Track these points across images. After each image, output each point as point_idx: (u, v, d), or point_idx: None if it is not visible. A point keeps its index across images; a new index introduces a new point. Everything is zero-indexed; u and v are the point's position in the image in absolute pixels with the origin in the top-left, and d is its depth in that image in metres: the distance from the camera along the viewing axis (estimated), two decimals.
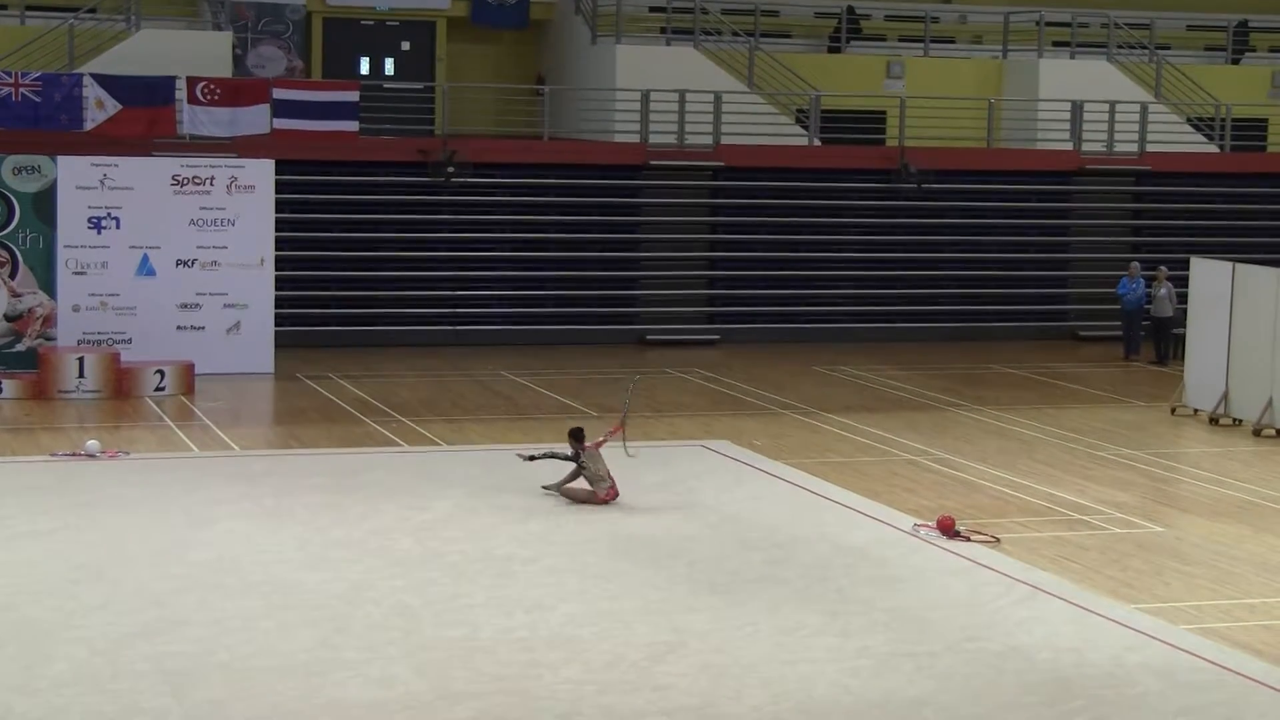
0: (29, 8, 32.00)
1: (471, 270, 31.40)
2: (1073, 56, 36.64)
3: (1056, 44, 37.01)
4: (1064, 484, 20.51)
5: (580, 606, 15.01)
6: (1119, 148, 34.82)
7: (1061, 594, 15.69)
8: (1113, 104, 34.71)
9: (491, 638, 14.10)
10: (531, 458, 19.37)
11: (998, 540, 17.56)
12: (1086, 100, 34.63)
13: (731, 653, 13.87)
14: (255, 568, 16.01)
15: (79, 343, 26.15)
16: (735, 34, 35.02)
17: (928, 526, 17.84)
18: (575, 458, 18.87)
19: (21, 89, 28.06)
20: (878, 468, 21.26)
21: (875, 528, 18.08)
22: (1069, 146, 34.67)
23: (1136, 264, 31.62)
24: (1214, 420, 24.89)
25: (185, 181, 26.93)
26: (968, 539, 17.51)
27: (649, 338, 31.80)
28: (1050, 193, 34.74)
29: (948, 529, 17.65)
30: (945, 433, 23.65)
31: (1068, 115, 34.69)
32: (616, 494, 18.75)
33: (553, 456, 19.15)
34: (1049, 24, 36.74)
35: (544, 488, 18.94)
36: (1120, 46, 36.90)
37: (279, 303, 27.83)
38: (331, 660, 13.48)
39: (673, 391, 26.79)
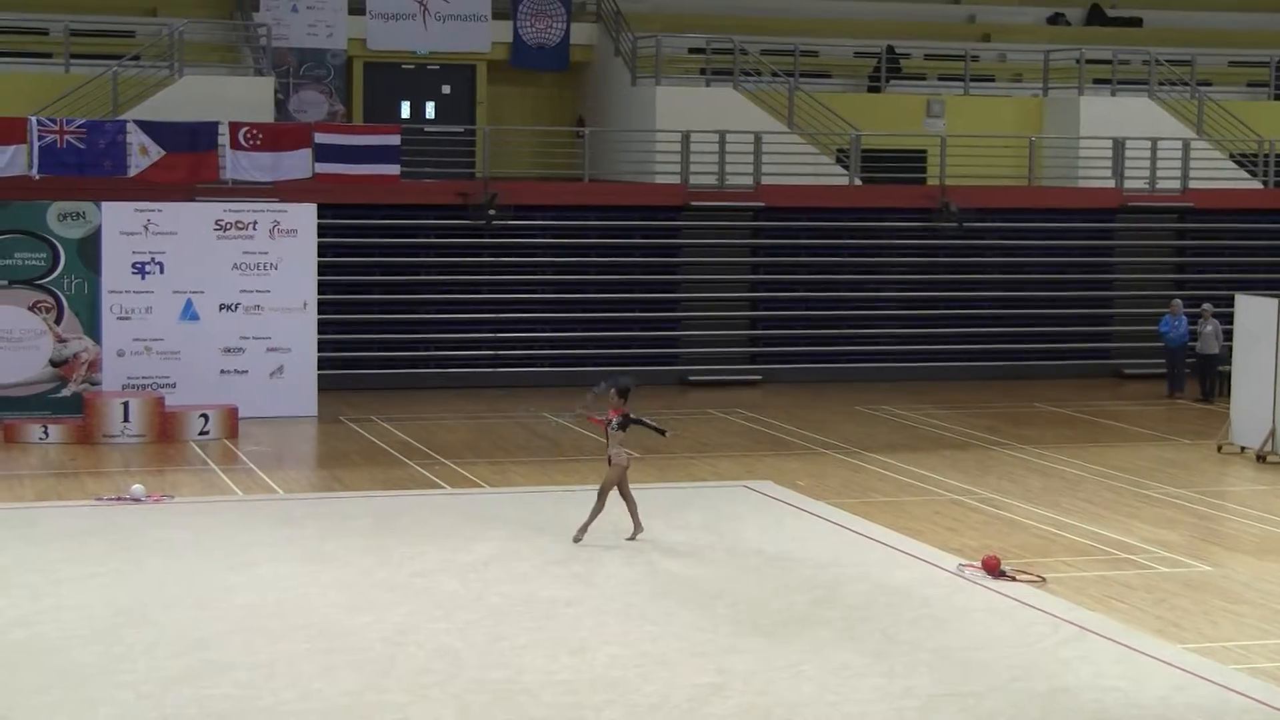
0: (74, 56, 32.24)
1: (513, 312, 31.45)
2: (1114, 94, 36.57)
3: (1097, 81, 36.96)
4: (1109, 523, 20.40)
5: (624, 648, 14.97)
6: (1161, 185, 34.71)
7: (1108, 634, 15.58)
8: (1154, 141, 34.63)
9: (535, 680, 14.07)
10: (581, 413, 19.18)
11: (1043, 580, 17.46)
12: (1128, 137, 34.55)
13: (776, 694, 13.81)
14: (299, 611, 16.02)
15: (124, 387, 26.26)
16: (775, 74, 35.07)
17: (972, 566, 17.75)
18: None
19: (66, 136, 28.26)
20: (921, 507, 21.18)
21: (919, 567, 18.00)
22: (1111, 184, 34.57)
23: (1178, 301, 31.51)
24: (1261, 458, 24.73)
25: (228, 226, 27.07)
26: (1013, 579, 17.41)
27: (691, 378, 31.80)
28: (1092, 230, 34.64)
29: (993, 569, 17.56)
30: (989, 471, 23.56)
31: (1109, 153, 34.62)
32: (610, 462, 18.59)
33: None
34: (1090, 61, 36.69)
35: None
36: (1162, 83, 36.82)
37: (322, 346, 27.92)
38: (376, 703, 13.46)
39: (715, 432, 26.76)
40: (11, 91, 30.99)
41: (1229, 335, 27.67)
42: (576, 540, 18.59)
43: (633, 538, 18.74)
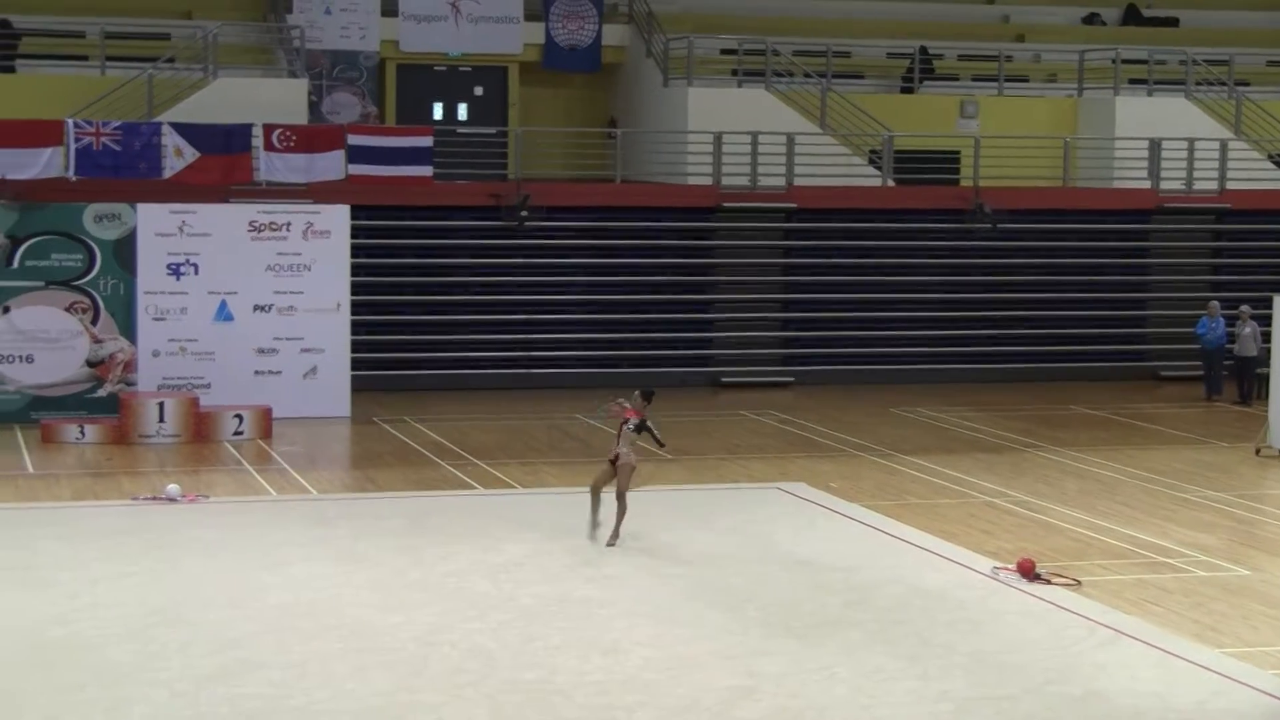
0: (109, 58, 32.35)
1: (545, 313, 31.45)
2: (1150, 94, 36.42)
3: (1133, 81, 36.82)
4: (1146, 526, 20.31)
5: (656, 650, 14.95)
6: (1198, 185, 34.56)
7: (1144, 637, 15.51)
8: (1191, 141, 34.49)
9: (568, 681, 14.06)
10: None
11: (1078, 583, 17.39)
12: (1164, 138, 34.41)
13: (808, 697, 13.78)
14: (331, 610, 16.04)
15: (159, 388, 26.34)
16: (807, 75, 35.01)
17: (1007, 569, 17.69)
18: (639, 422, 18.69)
19: (102, 138, 28.35)
20: (955, 510, 21.12)
21: (954, 570, 17.95)
22: (1146, 185, 34.44)
23: (1215, 303, 31.37)
24: None
25: (262, 227, 27.13)
26: (1048, 581, 17.34)
27: (724, 380, 31.76)
28: (1128, 231, 34.50)
29: (1028, 571, 17.49)
30: (1023, 474, 23.48)
31: (1145, 153, 34.47)
32: (616, 458, 18.53)
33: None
34: (1125, 61, 36.55)
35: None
36: (1198, 83, 36.67)
37: (355, 347, 27.95)
38: (408, 704, 13.47)
39: (747, 434, 26.72)
40: (48, 94, 31.11)
41: (1267, 337, 27.55)
42: (611, 545, 18.56)
43: (612, 543, 18.63)
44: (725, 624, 15.81)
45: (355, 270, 27.97)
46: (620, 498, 18.55)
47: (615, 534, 18.60)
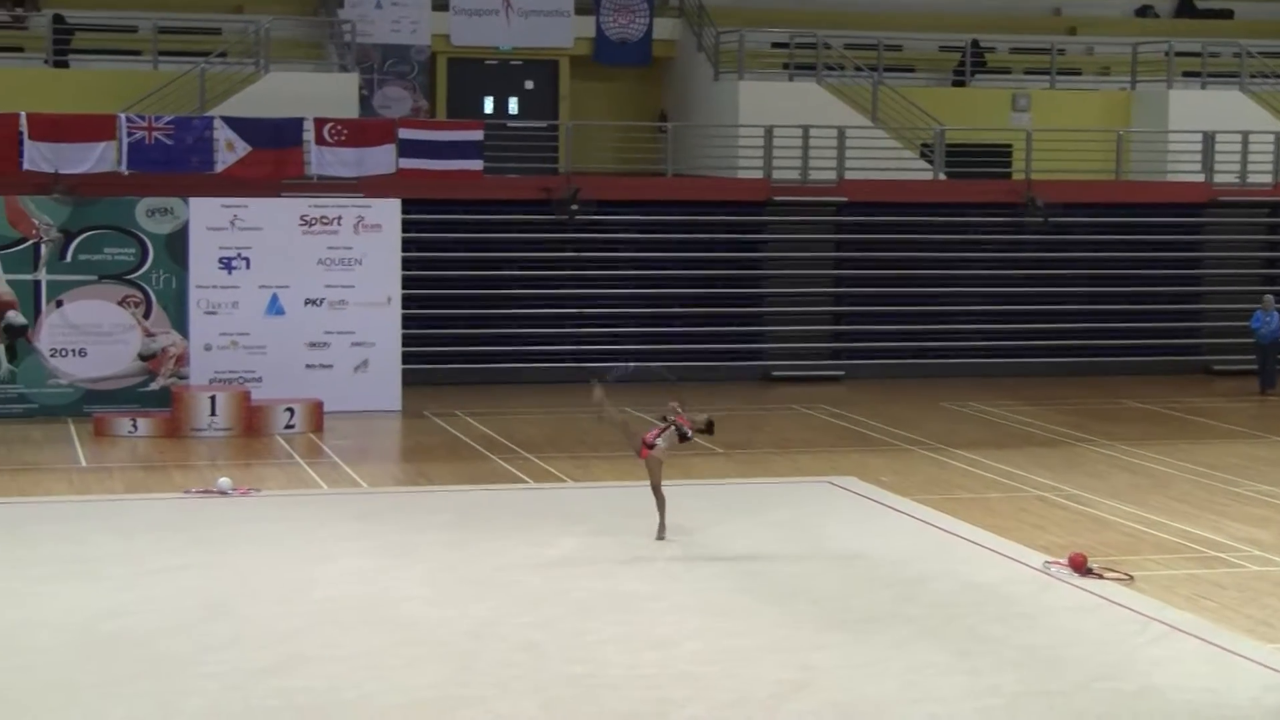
0: (162, 53, 32.50)
1: (595, 307, 31.46)
2: (1204, 86, 36.21)
3: (1187, 74, 36.60)
4: (1199, 520, 20.19)
5: (706, 643, 14.94)
6: (1252, 179, 34.31)
7: (1197, 633, 15.41)
8: (1245, 134, 34.25)
9: (618, 674, 14.06)
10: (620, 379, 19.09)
11: (1131, 578, 17.30)
12: (1218, 131, 34.19)
13: (858, 691, 13.74)
14: (382, 604, 16.08)
15: (210, 381, 26.46)
16: (858, 69, 34.93)
17: (1059, 564, 17.61)
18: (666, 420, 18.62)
19: (154, 132, 28.50)
20: (1006, 504, 21.04)
21: (1005, 565, 17.87)
22: (1200, 178, 34.23)
23: (1270, 296, 31.16)
24: None
25: (313, 221, 27.21)
26: (1100, 576, 17.26)
27: (774, 374, 31.72)
28: (1181, 225, 34.29)
29: (1080, 566, 17.41)
30: (1075, 468, 23.38)
31: (1199, 146, 34.27)
32: (645, 455, 18.49)
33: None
34: (1178, 54, 36.34)
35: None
36: (1253, 76, 36.43)
37: (406, 340, 28.01)
38: (459, 697, 13.49)
39: (798, 428, 26.68)
40: (101, 89, 31.28)
41: None
42: (660, 538, 18.55)
43: (661, 536, 18.61)
44: (776, 618, 15.79)
45: (406, 264, 28.02)
46: (655, 492, 18.54)
47: (661, 527, 18.59)
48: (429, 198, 30.20)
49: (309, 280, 27.11)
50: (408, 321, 28.25)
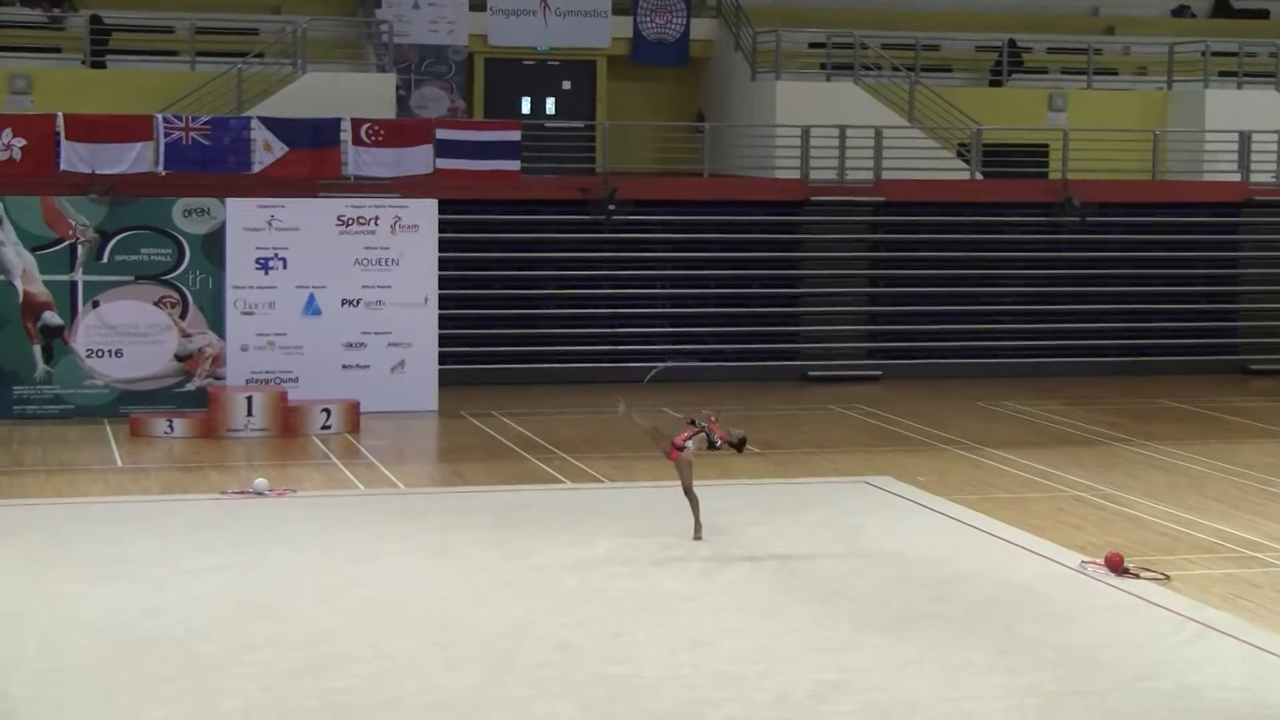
0: (199, 53, 32.61)
1: (632, 307, 31.47)
2: (1240, 86, 36.08)
3: (1223, 74, 36.47)
4: (1235, 520, 20.12)
5: (743, 643, 14.94)
6: None
7: (1234, 632, 15.37)
8: None
9: (655, 675, 14.07)
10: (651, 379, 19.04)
11: (1167, 577, 17.25)
12: (1255, 130, 34.05)
13: (895, 691, 13.74)
14: (419, 604, 16.12)
15: (247, 382, 26.53)
16: (895, 69, 34.88)
17: (1095, 563, 17.57)
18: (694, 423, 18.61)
19: (192, 133, 28.60)
20: (1042, 504, 21.00)
21: (1041, 564, 17.84)
22: (1236, 178, 34.11)
23: None
24: None
25: (350, 222, 27.26)
26: (1137, 576, 17.22)
27: (811, 374, 31.69)
28: (1218, 225, 34.17)
29: (1116, 566, 17.37)
30: (1112, 468, 23.32)
31: (1235, 146, 34.15)
32: (675, 456, 18.46)
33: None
34: (1215, 54, 36.22)
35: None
36: None
37: (442, 341, 28.04)
38: (496, 698, 13.52)
39: (835, 428, 26.66)
40: (138, 89, 31.40)
41: None
42: (697, 539, 18.55)
43: (698, 537, 18.59)
44: (813, 618, 15.78)
45: (443, 264, 28.04)
46: (688, 493, 18.53)
47: (698, 527, 18.60)
48: (466, 198, 30.25)
49: (346, 280, 27.16)
50: (444, 322, 28.28)
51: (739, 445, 18.79)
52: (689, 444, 18.51)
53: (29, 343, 26.27)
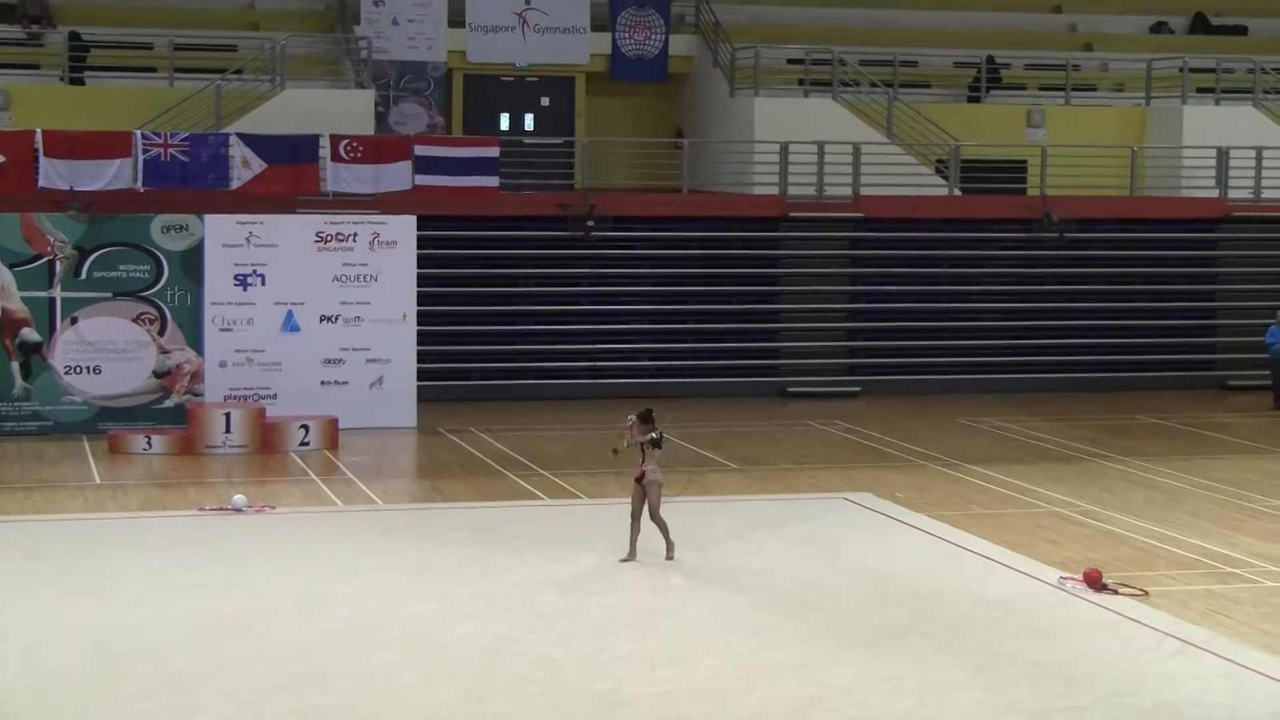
0: (177, 70, 32.57)
1: (611, 323, 31.46)
2: (1218, 102, 36.18)
3: (1201, 90, 36.58)
4: (1214, 536, 20.16)
5: (723, 660, 14.93)
6: (1266, 194, 34.27)
7: (1213, 648, 15.39)
8: (1259, 150, 34.21)
9: (635, 691, 14.05)
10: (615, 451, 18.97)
11: (1146, 593, 17.27)
12: (1232, 147, 34.16)
13: (876, 708, 13.73)
14: (398, 621, 16.08)
15: (225, 398, 26.48)
16: (874, 85, 34.93)
17: (1074, 579, 17.59)
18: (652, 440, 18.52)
19: (170, 149, 28.56)
20: (1021, 520, 21.02)
21: (1020, 580, 17.85)
22: (1214, 194, 34.20)
23: None
24: None
25: (329, 238, 27.24)
26: (1115, 592, 17.24)
27: (789, 390, 31.71)
28: (1196, 241, 34.27)
29: (1094, 582, 17.39)
30: (1090, 484, 23.35)
31: (1213, 162, 34.25)
32: (642, 475, 18.39)
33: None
34: (1193, 70, 36.32)
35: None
36: (1267, 92, 36.40)
37: (421, 357, 28.01)
38: (475, 714, 13.49)
39: (814, 444, 26.67)
40: (117, 105, 31.36)
41: None
42: (670, 559, 18.34)
43: (670, 557, 18.52)
44: (793, 634, 15.78)
45: (421, 280, 28.03)
46: (654, 517, 18.46)
47: (669, 548, 18.52)
48: (445, 214, 30.22)
49: (324, 297, 27.13)
50: (423, 338, 28.25)
51: (656, 444, 18.60)
52: (646, 466, 18.41)
53: (7, 359, 26.22)
